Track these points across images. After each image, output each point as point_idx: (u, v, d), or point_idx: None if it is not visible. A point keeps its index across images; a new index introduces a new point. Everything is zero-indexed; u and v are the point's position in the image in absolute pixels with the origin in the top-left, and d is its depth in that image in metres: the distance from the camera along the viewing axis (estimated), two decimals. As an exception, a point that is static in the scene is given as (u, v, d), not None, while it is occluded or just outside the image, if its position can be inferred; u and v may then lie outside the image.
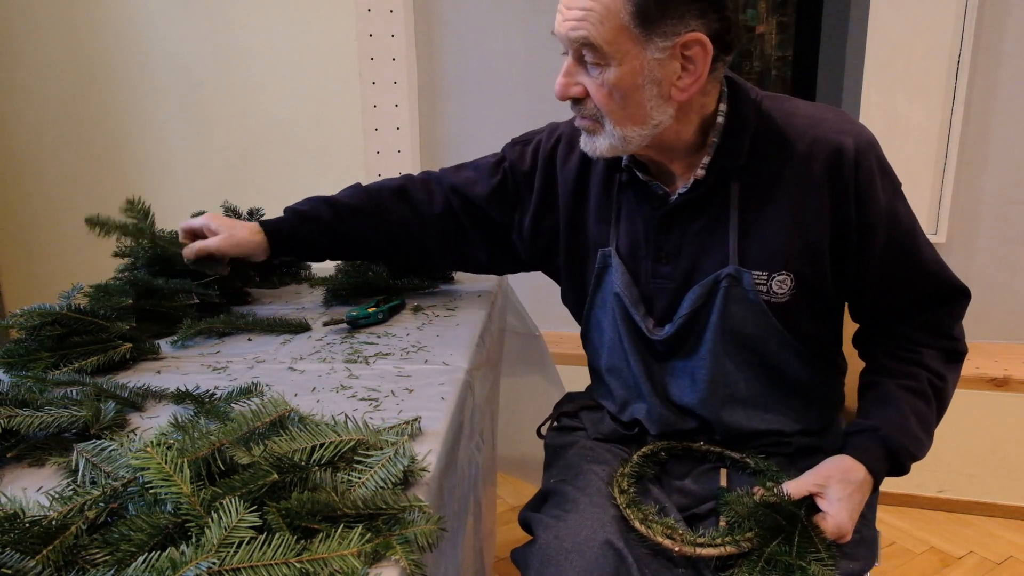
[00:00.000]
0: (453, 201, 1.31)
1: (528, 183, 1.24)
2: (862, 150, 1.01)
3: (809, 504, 1.00)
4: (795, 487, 1.01)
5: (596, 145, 1.03)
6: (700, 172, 1.04)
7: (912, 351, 1.10)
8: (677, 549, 0.98)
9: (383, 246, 1.37)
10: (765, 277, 1.04)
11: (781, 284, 1.05)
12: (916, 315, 1.10)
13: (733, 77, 1.06)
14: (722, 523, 1.02)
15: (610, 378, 1.22)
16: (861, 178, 1.01)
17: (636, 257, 1.12)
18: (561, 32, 0.97)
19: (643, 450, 1.15)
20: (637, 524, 1.01)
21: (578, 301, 1.23)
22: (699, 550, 0.97)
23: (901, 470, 1.07)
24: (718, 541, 0.98)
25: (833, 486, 1.00)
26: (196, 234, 1.35)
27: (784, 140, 1.03)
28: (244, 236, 1.32)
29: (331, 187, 1.31)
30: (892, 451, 1.04)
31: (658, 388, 1.15)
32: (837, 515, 0.98)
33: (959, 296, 1.11)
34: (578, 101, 1.01)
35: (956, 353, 1.12)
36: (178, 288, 1.30)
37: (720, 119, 1.03)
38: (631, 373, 1.16)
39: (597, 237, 1.16)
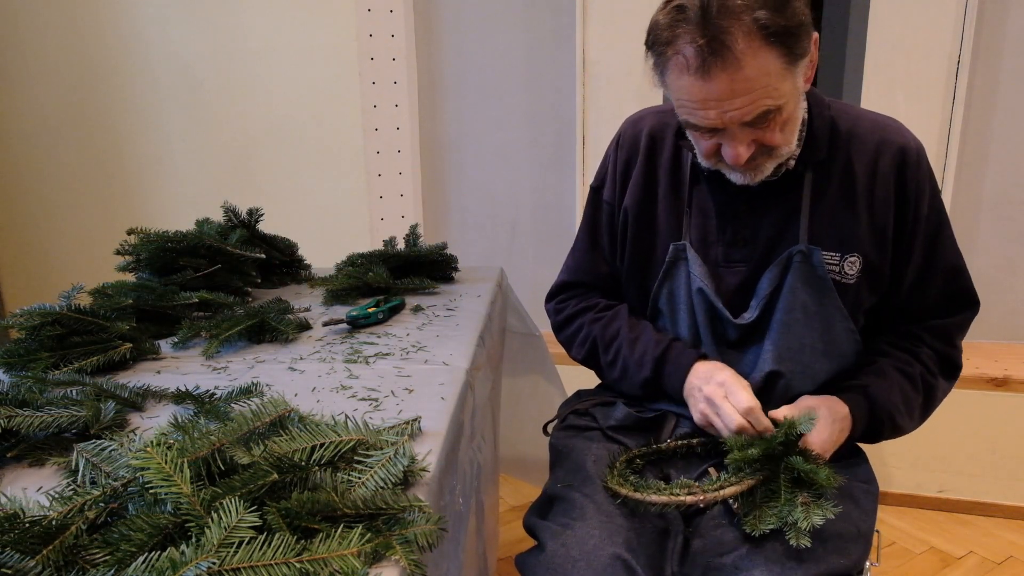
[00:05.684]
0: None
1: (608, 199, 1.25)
2: (921, 152, 1.11)
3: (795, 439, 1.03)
4: (789, 408, 1.07)
5: (760, 172, 1.05)
6: (791, 164, 1.09)
7: (913, 345, 1.16)
8: (702, 498, 0.99)
9: None
10: (838, 258, 1.10)
11: (852, 265, 1.10)
12: (927, 318, 1.16)
13: None
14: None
15: None
16: (922, 176, 1.10)
17: (706, 243, 1.15)
18: (727, 121, 0.96)
19: (622, 458, 1.12)
20: (653, 496, 1.00)
21: (641, 297, 1.22)
22: (722, 492, 0.99)
23: (876, 435, 1.13)
24: (734, 480, 1.01)
25: (820, 410, 1.07)
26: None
27: (853, 139, 1.11)
28: None
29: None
30: (874, 410, 1.11)
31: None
32: (819, 435, 1.04)
33: (970, 306, 1.18)
34: None
35: (951, 362, 1.17)
36: (178, 289, 1.30)
37: (803, 114, 1.08)
38: None
39: (667, 229, 1.18)
